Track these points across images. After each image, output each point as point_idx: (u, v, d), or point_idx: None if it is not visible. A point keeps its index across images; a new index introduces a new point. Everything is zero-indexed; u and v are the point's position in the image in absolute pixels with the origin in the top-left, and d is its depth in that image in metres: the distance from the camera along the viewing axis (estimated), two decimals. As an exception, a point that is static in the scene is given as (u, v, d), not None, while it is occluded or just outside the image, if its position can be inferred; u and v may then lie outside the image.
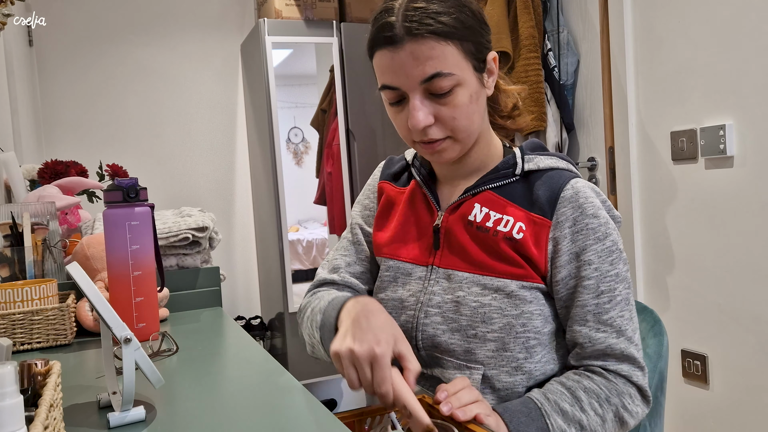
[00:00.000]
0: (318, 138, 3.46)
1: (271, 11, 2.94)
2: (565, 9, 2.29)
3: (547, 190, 0.86)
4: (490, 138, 0.93)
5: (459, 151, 0.88)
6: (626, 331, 0.85)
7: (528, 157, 0.91)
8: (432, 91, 0.81)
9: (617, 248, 0.86)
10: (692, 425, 1.92)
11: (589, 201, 0.85)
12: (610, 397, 0.83)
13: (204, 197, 3.36)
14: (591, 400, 0.82)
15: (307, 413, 0.73)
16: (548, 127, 2.22)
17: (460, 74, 0.81)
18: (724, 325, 1.79)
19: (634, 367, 0.85)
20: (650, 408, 0.87)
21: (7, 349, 0.82)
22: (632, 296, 0.88)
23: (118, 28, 3.17)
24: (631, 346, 0.85)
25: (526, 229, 0.86)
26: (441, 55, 0.79)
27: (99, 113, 3.14)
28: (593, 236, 0.84)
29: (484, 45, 0.85)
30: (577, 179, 0.88)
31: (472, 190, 0.90)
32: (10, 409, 0.46)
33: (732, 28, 1.71)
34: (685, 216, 1.89)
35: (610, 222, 0.87)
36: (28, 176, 1.79)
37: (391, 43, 0.80)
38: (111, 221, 1.10)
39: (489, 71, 0.87)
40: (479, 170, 0.93)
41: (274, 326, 3.15)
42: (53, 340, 1.12)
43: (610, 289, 0.85)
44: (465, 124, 0.84)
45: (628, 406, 0.83)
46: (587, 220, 0.84)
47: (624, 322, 0.85)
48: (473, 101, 0.84)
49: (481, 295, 0.85)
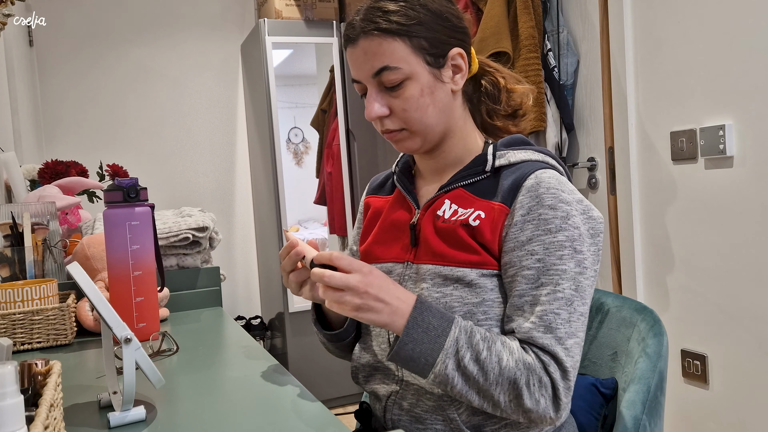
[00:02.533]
0: (318, 138, 3.46)
1: (271, 11, 2.94)
2: (565, 9, 2.29)
3: (512, 180, 0.87)
4: (467, 134, 0.94)
5: (421, 142, 0.91)
6: (557, 331, 0.80)
7: (500, 153, 0.91)
8: (384, 84, 0.86)
9: (572, 245, 0.82)
10: (692, 425, 1.92)
11: (550, 192, 0.83)
12: (520, 361, 0.79)
13: (204, 197, 3.36)
14: (503, 349, 0.79)
15: (307, 413, 0.73)
16: (548, 127, 2.22)
17: (408, 68, 0.85)
18: (724, 325, 1.79)
19: (555, 364, 0.79)
20: (560, 420, 0.81)
21: (7, 349, 0.83)
22: (581, 302, 0.82)
23: (119, 28, 3.17)
24: (558, 347, 0.79)
25: (484, 216, 0.86)
26: (388, 51, 0.85)
27: (99, 113, 3.14)
28: (544, 227, 0.82)
29: (443, 41, 0.88)
30: (546, 170, 0.87)
31: (444, 188, 0.92)
32: (10, 408, 0.46)
33: (732, 28, 1.71)
34: (684, 216, 1.89)
35: (573, 218, 0.83)
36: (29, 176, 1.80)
37: (350, 41, 0.88)
38: (111, 221, 1.10)
39: (455, 67, 0.90)
40: (455, 166, 0.94)
41: (274, 326, 3.15)
42: (53, 340, 1.12)
43: (552, 283, 0.81)
44: (417, 116, 0.87)
45: (532, 387, 0.78)
46: (541, 210, 0.83)
47: (558, 321, 0.80)
48: (425, 95, 0.87)
49: (443, 285, 0.87)
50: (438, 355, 0.77)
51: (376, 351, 0.94)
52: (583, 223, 0.84)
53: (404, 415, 0.90)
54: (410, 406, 0.89)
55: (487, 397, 0.79)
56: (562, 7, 2.28)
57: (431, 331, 0.78)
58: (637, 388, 0.93)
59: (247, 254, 3.44)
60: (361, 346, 0.98)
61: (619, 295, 1.08)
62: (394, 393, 0.91)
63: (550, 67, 2.22)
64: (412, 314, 0.78)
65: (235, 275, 3.42)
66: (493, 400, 0.79)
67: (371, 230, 1.02)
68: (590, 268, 0.84)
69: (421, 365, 0.78)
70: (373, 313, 0.77)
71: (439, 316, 0.80)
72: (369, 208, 1.05)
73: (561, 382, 0.79)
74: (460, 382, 0.78)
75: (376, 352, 0.94)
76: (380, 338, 0.93)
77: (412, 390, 0.89)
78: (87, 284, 0.68)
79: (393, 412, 0.92)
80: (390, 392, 0.92)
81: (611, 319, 1.06)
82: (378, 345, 0.94)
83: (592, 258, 0.84)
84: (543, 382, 0.79)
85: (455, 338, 0.78)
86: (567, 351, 0.80)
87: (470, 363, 0.78)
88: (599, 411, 1.00)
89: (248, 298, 3.45)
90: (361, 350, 0.97)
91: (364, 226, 1.05)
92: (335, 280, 0.76)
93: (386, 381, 0.93)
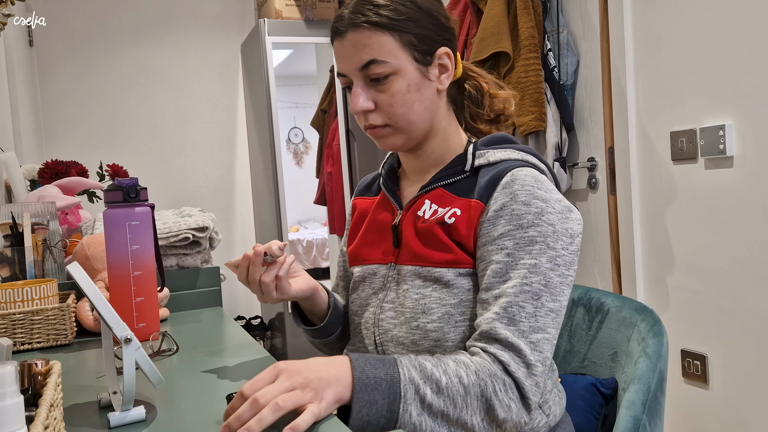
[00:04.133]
0: (318, 138, 3.46)
1: (271, 11, 2.94)
2: (565, 9, 2.29)
3: (489, 177, 0.87)
4: (450, 134, 0.94)
5: (404, 140, 0.90)
6: (520, 324, 0.77)
7: (479, 152, 0.91)
8: (371, 78, 0.86)
9: (545, 241, 0.80)
10: (692, 425, 1.92)
11: (524, 189, 0.83)
12: (479, 371, 0.75)
13: (204, 197, 3.36)
14: (458, 368, 0.75)
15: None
16: (548, 127, 2.22)
17: (395, 63, 0.85)
18: (724, 325, 1.80)
19: (518, 360, 0.76)
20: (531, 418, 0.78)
21: (7, 349, 0.83)
22: (551, 298, 0.80)
23: (118, 28, 3.17)
24: (521, 340, 0.77)
25: (460, 213, 0.86)
26: (377, 44, 0.85)
27: (99, 113, 3.14)
28: (515, 222, 0.81)
29: (432, 39, 0.88)
30: (523, 168, 0.86)
31: (425, 188, 0.92)
32: (10, 409, 0.46)
33: (732, 28, 1.71)
34: (685, 216, 1.89)
35: (548, 215, 0.81)
36: (29, 176, 1.80)
37: (338, 33, 0.88)
38: (111, 221, 1.10)
39: (442, 66, 0.90)
40: (437, 165, 0.95)
41: (274, 326, 3.15)
42: (53, 340, 1.12)
43: (519, 276, 0.79)
44: (402, 112, 0.87)
45: (499, 393, 0.75)
46: (515, 206, 0.82)
47: (522, 314, 0.78)
48: (412, 91, 0.87)
49: (422, 286, 0.87)
50: (399, 408, 0.71)
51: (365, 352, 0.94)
52: (560, 222, 0.82)
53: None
54: None
55: (459, 424, 0.74)
56: (562, 7, 2.28)
57: (380, 384, 0.71)
58: (637, 388, 0.93)
59: (247, 254, 3.44)
60: (350, 348, 0.98)
61: (619, 295, 1.08)
62: None
63: (550, 67, 2.22)
64: (354, 376, 0.71)
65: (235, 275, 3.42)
66: (466, 425, 0.74)
67: (358, 232, 1.02)
68: (564, 266, 0.82)
69: (383, 425, 0.71)
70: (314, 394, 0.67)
71: (381, 363, 0.73)
72: (356, 210, 1.06)
73: (526, 379, 0.76)
74: (428, 420, 0.72)
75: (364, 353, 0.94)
76: (369, 339, 0.93)
77: None
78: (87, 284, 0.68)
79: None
80: None
81: (611, 319, 1.06)
82: (366, 347, 0.94)
83: (568, 257, 0.82)
84: (507, 384, 0.76)
85: (408, 379, 0.72)
86: (533, 345, 0.77)
87: (433, 397, 0.72)
88: (599, 411, 1.00)
89: (248, 298, 3.45)
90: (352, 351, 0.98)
91: (351, 227, 1.06)
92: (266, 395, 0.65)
93: None
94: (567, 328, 1.14)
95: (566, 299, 0.83)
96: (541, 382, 0.78)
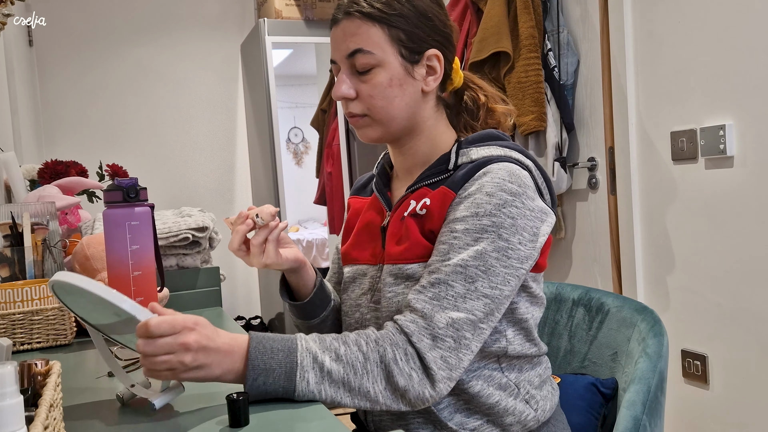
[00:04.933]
0: (318, 138, 3.46)
1: (271, 11, 2.94)
2: (565, 9, 2.29)
3: (466, 171, 0.87)
4: (437, 134, 0.94)
5: (381, 132, 0.91)
6: (444, 300, 0.77)
7: (463, 151, 0.91)
8: (356, 67, 0.88)
9: (497, 231, 0.80)
10: (692, 425, 1.92)
11: (494, 181, 0.82)
12: (380, 340, 0.76)
13: (204, 197, 3.36)
14: (359, 338, 0.77)
15: (307, 413, 0.73)
16: (548, 127, 2.22)
17: (381, 55, 0.86)
18: (724, 325, 1.79)
19: (425, 331, 0.76)
20: (438, 393, 0.76)
21: (7, 349, 0.82)
22: (487, 284, 0.78)
23: (118, 28, 3.17)
24: (437, 314, 0.76)
25: (430, 203, 0.87)
26: (365, 34, 0.86)
27: (99, 113, 3.14)
28: (473, 209, 0.81)
29: (422, 39, 0.88)
30: (501, 163, 0.85)
31: (410, 188, 0.92)
32: (10, 409, 0.46)
33: (732, 28, 1.71)
34: (685, 216, 1.89)
35: (510, 209, 0.81)
36: (28, 176, 1.79)
37: (334, 21, 0.90)
38: (111, 221, 1.10)
39: (429, 68, 0.90)
40: (423, 165, 0.95)
41: (274, 326, 3.15)
42: (53, 340, 1.12)
43: (459, 259, 0.79)
44: (381, 105, 0.88)
45: (399, 362, 0.75)
46: (478, 195, 0.82)
47: (450, 293, 0.78)
48: (394, 85, 0.87)
49: (395, 285, 0.87)
50: (295, 376, 0.73)
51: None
52: (523, 217, 0.82)
53: (385, 414, 0.91)
54: None
55: (361, 393, 0.75)
56: (563, 7, 2.28)
57: (277, 354, 0.73)
58: (637, 388, 0.93)
59: (247, 254, 3.44)
60: None
61: (619, 296, 1.08)
62: None
63: (550, 66, 2.22)
64: (251, 346, 0.73)
65: (235, 275, 3.42)
66: (368, 395, 0.75)
67: (350, 231, 1.03)
68: (516, 259, 0.81)
69: (281, 394, 0.73)
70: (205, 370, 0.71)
71: (280, 338, 0.76)
72: (350, 208, 1.06)
73: (429, 351, 0.76)
74: (329, 389, 0.74)
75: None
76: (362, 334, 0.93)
77: None
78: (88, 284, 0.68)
79: (374, 413, 0.92)
80: None
81: (611, 320, 1.06)
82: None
83: (524, 252, 0.81)
84: (408, 353, 0.76)
85: (305, 348, 0.75)
86: (450, 321, 0.77)
87: (332, 364, 0.74)
88: (599, 411, 1.00)
89: (248, 298, 3.45)
90: None
91: (345, 226, 1.06)
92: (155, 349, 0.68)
93: None
94: (567, 328, 1.14)
95: (511, 291, 0.81)
96: (451, 358, 0.76)
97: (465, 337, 0.77)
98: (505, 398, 0.87)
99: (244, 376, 0.73)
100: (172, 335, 0.69)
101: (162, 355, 0.68)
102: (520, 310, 0.88)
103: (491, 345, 0.86)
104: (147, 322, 0.68)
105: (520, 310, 0.88)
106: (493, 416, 0.86)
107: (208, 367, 0.71)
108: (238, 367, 0.73)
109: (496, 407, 0.86)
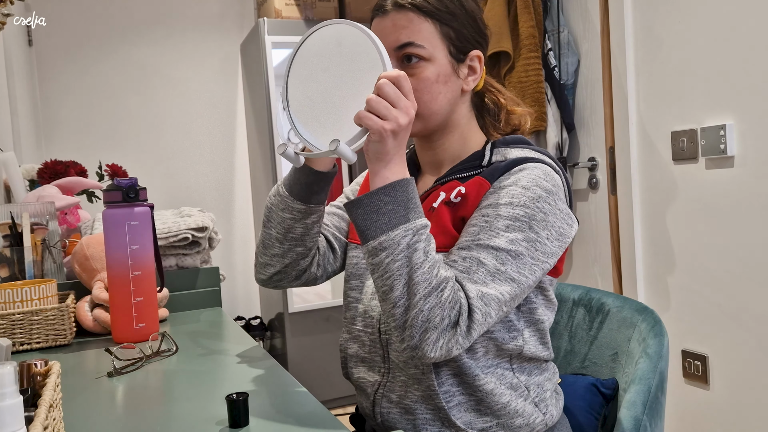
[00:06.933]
0: (318, 138, 3.45)
1: (270, 11, 2.93)
2: (566, 9, 2.29)
3: (504, 166, 0.87)
4: (468, 133, 0.95)
5: (420, 127, 0.91)
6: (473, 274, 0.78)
7: (497, 150, 0.92)
8: (405, 59, 0.88)
9: (529, 223, 0.80)
10: (692, 425, 1.92)
11: (530, 177, 0.83)
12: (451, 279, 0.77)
13: (204, 197, 3.36)
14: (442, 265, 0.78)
15: (307, 414, 0.73)
16: (548, 127, 2.22)
17: (431, 50, 0.87)
18: (724, 325, 1.79)
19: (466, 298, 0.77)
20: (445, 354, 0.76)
21: (6, 349, 0.82)
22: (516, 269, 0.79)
23: (118, 28, 3.17)
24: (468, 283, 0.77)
25: (465, 191, 0.87)
26: (417, 28, 0.86)
27: (99, 113, 3.14)
28: (507, 198, 0.82)
29: (468, 39, 0.89)
30: (538, 164, 0.86)
31: (441, 180, 0.93)
32: (9, 409, 0.46)
33: (732, 29, 1.71)
34: (685, 216, 1.89)
35: (544, 204, 0.82)
36: (28, 176, 1.79)
37: (380, 11, 0.89)
38: (110, 221, 1.10)
39: (471, 69, 0.91)
40: (453, 161, 0.95)
41: (274, 326, 3.15)
42: (53, 341, 1.12)
43: (490, 242, 0.79)
44: (426, 99, 0.88)
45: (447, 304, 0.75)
46: (513, 187, 0.83)
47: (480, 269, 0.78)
48: (440, 81, 0.88)
49: None
50: (401, 224, 0.76)
51: (365, 341, 0.94)
52: (554, 215, 0.83)
53: (393, 407, 0.90)
54: (399, 398, 0.89)
55: (409, 292, 0.75)
56: (563, 7, 2.28)
57: (409, 203, 0.77)
58: (637, 389, 0.93)
59: (246, 254, 3.44)
60: (348, 336, 0.98)
61: (619, 296, 1.08)
62: (381, 385, 0.91)
63: (550, 66, 2.22)
64: (404, 179, 0.78)
65: (235, 275, 3.42)
66: (412, 298, 0.75)
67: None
68: (543, 253, 0.81)
69: (380, 223, 0.76)
70: (390, 143, 0.77)
71: (419, 204, 0.79)
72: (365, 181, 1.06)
73: (466, 320, 0.76)
74: (401, 260, 0.75)
75: (364, 342, 0.94)
76: (372, 328, 0.93)
77: (399, 381, 0.89)
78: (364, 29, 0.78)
79: (382, 405, 0.92)
80: (377, 384, 0.92)
81: (612, 320, 1.06)
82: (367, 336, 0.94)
83: (549, 248, 0.82)
84: (459, 305, 0.75)
85: (424, 224, 0.78)
86: (480, 294, 0.76)
87: (420, 252, 0.76)
88: (599, 411, 1.00)
89: (248, 299, 3.45)
90: (348, 340, 0.97)
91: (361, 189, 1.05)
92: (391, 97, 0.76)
93: (372, 371, 0.93)
94: (567, 328, 1.14)
95: (534, 281, 0.82)
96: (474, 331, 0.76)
97: (490, 315, 0.77)
98: (515, 399, 0.87)
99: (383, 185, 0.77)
100: (411, 101, 0.77)
101: (395, 108, 0.75)
102: (538, 311, 0.89)
103: (509, 342, 0.87)
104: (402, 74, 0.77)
105: (538, 311, 0.89)
106: (504, 417, 0.86)
107: (395, 147, 0.77)
108: (390, 177, 0.78)
109: (507, 407, 0.86)
